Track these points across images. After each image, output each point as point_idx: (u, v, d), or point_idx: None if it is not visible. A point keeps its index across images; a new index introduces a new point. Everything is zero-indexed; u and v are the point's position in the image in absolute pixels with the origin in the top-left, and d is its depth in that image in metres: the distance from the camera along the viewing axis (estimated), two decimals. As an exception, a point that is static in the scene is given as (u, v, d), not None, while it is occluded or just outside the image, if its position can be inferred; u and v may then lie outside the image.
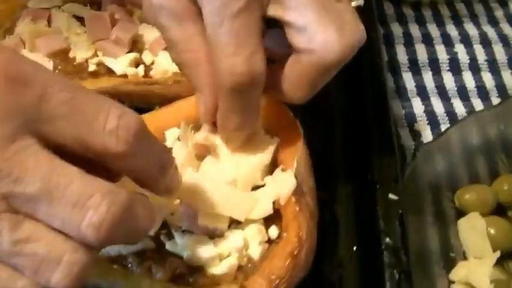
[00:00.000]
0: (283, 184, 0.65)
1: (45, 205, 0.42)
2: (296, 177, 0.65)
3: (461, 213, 0.74)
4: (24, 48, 0.79)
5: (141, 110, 0.72)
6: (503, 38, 0.94)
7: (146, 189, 0.52)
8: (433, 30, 0.94)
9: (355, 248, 0.71)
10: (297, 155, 0.66)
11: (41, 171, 0.41)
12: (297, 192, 0.64)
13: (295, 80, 0.58)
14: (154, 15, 0.57)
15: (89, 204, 0.42)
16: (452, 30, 0.94)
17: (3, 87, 0.41)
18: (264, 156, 0.67)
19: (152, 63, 0.78)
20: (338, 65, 0.55)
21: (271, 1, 0.54)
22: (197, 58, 0.57)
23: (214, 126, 0.65)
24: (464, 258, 0.71)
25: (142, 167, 0.48)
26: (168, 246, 0.63)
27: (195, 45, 0.57)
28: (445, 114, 0.85)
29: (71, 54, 0.78)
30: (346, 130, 0.79)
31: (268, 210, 0.64)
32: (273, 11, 0.54)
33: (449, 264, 0.71)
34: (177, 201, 0.63)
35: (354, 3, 0.59)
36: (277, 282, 0.61)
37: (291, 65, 0.57)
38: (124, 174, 0.50)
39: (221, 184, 0.63)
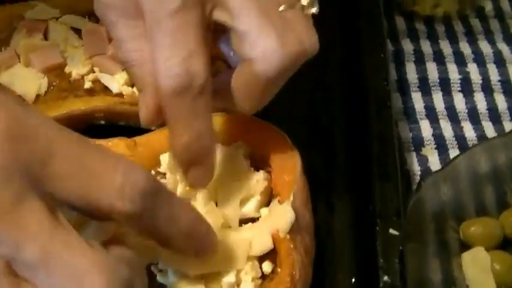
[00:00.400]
0: (280, 217, 0.63)
1: (43, 273, 0.41)
2: (291, 212, 0.63)
3: (465, 245, 0.72)
4: (19, 62, 0.77)
5: (137, 130, 0.72)
6: (518, 57, 0.91)
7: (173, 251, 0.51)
8: (446, 47, 0.90)
9: (353, 280, 0.70)
10: (293, 188, 0.65)
11: (41, 238, 0.40)
12: (292, 228, 0.62)
13: (241, 89, 0.56)
14: (103, 10, 0.57)
15: (86, 282, 0.40)
16: (465, 48, 0.90)
17: (7, 146, 0.40)
18: (250, 191, 0.65)
19: (149, 82, 0.76)
20: (279, 75, 0.53)
21: (217, 6, 0.53)
22: (143, 57, 0.56)
23: None
24: (468, 293, 0.69)
25: (158, 228, 0.47)
26: (160, 278, 0.62)
27: (142, 43, 0.55)
28: (454, 138, 0.82)
29: (66, 70, 0.77)
30: (348, 158, 0.77)
31: (268, 245, 0.62)
32: (218, 16, 0.53)
33: (451, 297, 0.69)
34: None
35: (309, 11, 0.56)
36: (270, 321, 0.60)
37: (237, 73, 0.56)
38: (142, 235, 0.49)
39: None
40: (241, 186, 0.66)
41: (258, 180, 0.66)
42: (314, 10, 0.57)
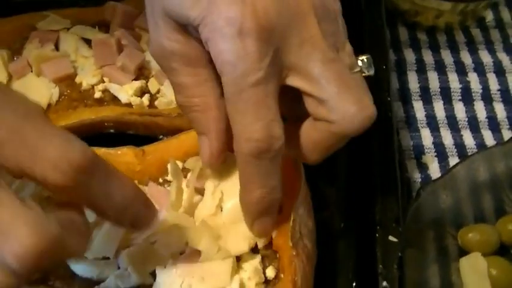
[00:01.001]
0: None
1: None
2: (295, 220, 0.66)
3: (463, 251, 0.75)
4: (31, 72, 0.80)
5: (146, 139, 0.75)
6: (517, 67, 0.94)
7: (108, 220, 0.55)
8: (447, 57, 0.93)
9: (354, 285, 0.72)
10: (296, 198, 0.68)
11: None
12: (295, 235, 0.66)
13: (310, 144, 0.59)
14: (165, 58, 0.59)
15: (15, 234, 0.43)
16: (466, 58, 0.93)
17: None
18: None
19: (158, 91, 0.79)
20: (356, 134, 0.57)
21: (291, 72, 0.55)
22: (207, 103, 0.59)
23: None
24: (465, 298, 0.72)
25: (93, 201, 0.50)
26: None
27: (205, 90, 0.59)
28: (453, 146, 0.85)
29: (77, 80, 0.80)
30: (349, 167, 0.79)
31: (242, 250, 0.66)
32: (293, 82, 0.56)
33: (450, 303, 0.71)
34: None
35: (366, 72, 0.60)
36: (272, 326, 0.63)
37: (307, 130, 0.59)
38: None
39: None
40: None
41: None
42: (371, 72, 0.60)
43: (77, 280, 0.67)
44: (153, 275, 0.66)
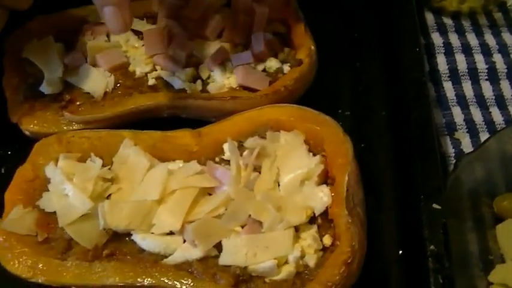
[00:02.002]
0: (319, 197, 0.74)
1: None
2: (348, 190, 0.73)
3: (499, 218, 0.82)
4: (86, 62, 0.86)
5: (198, 122, 0.81)
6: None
7: None
8: (472, 39, 1.01)
9: (400, 252, 0.80)
10: (347, 169, 0.75)
11: None
12: (349, 204, 0.73)
13: None
14: None
15: None
16: (490, 40, 1.00)
17: None
18: (309, 173, 0.76)
19: (208, 77, 0.86)
20: None
21: None
22: None
23: None
24: (502, 261, 0.79)
25: None
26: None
27: None
28: (483, 123, 0.92)
29: (130, 69, 0.86)
30: (391, 143, 0.87)
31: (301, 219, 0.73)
32: None
33: (488, 266, 0.78)
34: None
35: None
36: (332, 288, 0.70)
37: None
38: None
39: None
40: (301, 169, 0.76)
41: (316, 163, 0.76)
42: None
43: (146, 254, 0.74)
44: (216, 247, 0.73)
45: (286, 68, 0.86)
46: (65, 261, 0.73)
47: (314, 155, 0.77)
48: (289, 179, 0.76)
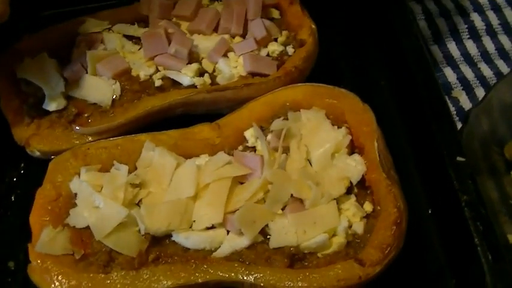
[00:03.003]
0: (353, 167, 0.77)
1: None
2: (379, 155, 0.76)
3: (510, 164, 0.87)
4: (87, 73, 0.85)
5: (209, 117, 0.82)
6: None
7: None
8: (448, 3, 1.06)
9: (430, 211, 0.83)
10: (375, 136, 0.78)
11: None
12: (384, 168, 0.75)
13: None
14: None
15: None
16: (464, 1, 1.06)
17: None
18: (338, 145, 0.78)
19: (214, 70, 0.87)
20: None
21: None
22: None
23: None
24: (523, 204, 0.84)
25: None
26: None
27: None
28: (476, 79, 0.97)
29: (133, 73, 0.86)
30: (403, 107, 0.91)
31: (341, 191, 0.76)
32: None
33: (511, 210, 0.83)
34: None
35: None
36: (388, 249, 0.72)
37: None
38: None
39: None
40: (329, 142, 0.78)
41: (343, 135, 0.78)
42: None
43: (191, 252, 0.74)
44: (261, 233, 0.74)
45: (289, 50, 0.88)
46: (109, 274, 0.72)
47: (338, 127, 0.80)
48: (319, 154, 0.78)
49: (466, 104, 0.94)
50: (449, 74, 0.98)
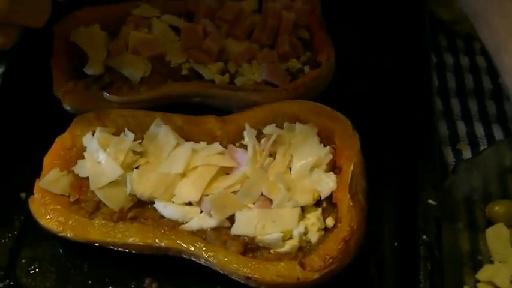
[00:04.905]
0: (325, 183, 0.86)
1: None
2: (352, 177, 0.84)
3: (490, 223, 0.92)
4: (127, 50, 0.99)
5: (222, 112, 0.94)
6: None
7: None
8: (481, 61, 1.13)
9: (396, 243, 0.90)
10: (353, 160, 0.86)
11: None
12: (352, 190, 0.84)
13: None
14: None
15: None
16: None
17: None
18: (319, 161, 0.87)
19: (236, 72, 0.98)
20: None
21: None
22: None
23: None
24: (491, 262, 0.88)
25: None
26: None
27: None
28: (484, 136, 1.03)
29: (167, 59, 0.99)
30: (396, 142, 0.99)
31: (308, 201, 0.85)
32: None
33: (477, 265, 0.88)
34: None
35: None
36: (330, 261, 0.80)
37: None
38: None
39: None
40: (312, 157, 0.87)
41: (325, 153, 0.88)
42: None
43: (165, 220, 0.85)
44: (229, 219, 0.84)
45: (306, 69, 0.98)
46: (92, 220, 0.85)
47: (324, 146, 0.89)
48: (301, 165, 0.87)
49: (467, 157, 1.00)
50: (461, 128, 1.04)
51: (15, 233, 0.90)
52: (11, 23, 0.79)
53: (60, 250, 0.89)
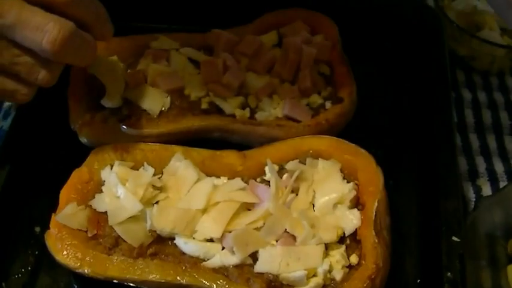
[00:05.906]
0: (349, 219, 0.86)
1: (19, 30, 0.75)
2: (376, 214, 0.84)
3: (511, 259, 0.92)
4: (146, 82, 0.99)
5: (243, 147, 0.94)
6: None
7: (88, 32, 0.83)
8: (498, 97, 1.14)
9: (419, 280, 0.90)
10: (377, 197, 0.86)
11: (15, 9, 0.74)
12: (376, 227, 0.84)
13: None
14: None
15: (47, 28, 0.75)
16: (515, 98, 1.13)
17: None
18: (342, 197, 0.87)
19: (256, 106, 0.98)
20: None
21: None
22: None
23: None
24: (512, 299, 0.88)
25: (83, 15, 0.81)
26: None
27: None
28: (504, 173, 1.04)
29: (186, 92, 0.98)
30: (418, 177, 0.99)
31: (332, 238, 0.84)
32: None
33: (498, 302, 0.88)
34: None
35: None
36: (356, 300, 0.80)
37: None
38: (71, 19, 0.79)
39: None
40: (335, 193, 0.87)
41: (349, 189, 0.87)
42: None
43: (186, 257, 0.85)
44: (251, 257, 0.83)
45: (328, 104, 0.98)
46: (110, 256, 0.84)
47: (348, 182, 0.89)
48: (324, 201, 0.87)
49: (487, 193, 1.00)
50: (480, 163, 1.04)
51: (29, 268, 0.90)
52: (59, 61, 0.81)
53: (76, 286, 0.88)
